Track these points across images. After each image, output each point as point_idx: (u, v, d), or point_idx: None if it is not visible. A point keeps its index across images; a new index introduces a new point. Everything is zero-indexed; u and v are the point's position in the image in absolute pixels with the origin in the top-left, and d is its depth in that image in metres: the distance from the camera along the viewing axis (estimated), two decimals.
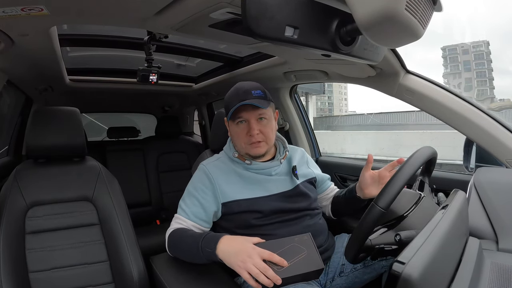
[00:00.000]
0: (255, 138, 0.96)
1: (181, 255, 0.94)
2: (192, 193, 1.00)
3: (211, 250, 0.81)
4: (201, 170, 1.02)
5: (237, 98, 0.95)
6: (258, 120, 0.97)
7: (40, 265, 1.00)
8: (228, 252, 0.79)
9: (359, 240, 0.71)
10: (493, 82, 39.18)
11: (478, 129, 0.96)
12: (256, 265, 0.73)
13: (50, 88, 1.67)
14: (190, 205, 0.98)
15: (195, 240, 0.86)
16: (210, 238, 0.84)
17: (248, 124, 0.96)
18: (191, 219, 0.97)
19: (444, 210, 0.65)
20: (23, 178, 1.07)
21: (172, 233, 0.96)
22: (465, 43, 45.42)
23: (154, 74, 1.39)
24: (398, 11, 0.45)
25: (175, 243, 0.95)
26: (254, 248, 0.76)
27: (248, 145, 0.97)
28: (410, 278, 0.48)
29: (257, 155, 0.99)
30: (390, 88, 1.10)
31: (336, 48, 0.58)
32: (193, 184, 1.01)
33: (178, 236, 0.94)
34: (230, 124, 1.01)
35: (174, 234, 0.96)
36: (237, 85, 1.01)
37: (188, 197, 1.00)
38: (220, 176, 0.99)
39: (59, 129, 1.11)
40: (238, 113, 0.95)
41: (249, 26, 0.47)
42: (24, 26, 0.87)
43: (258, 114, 0.96)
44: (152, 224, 2.16)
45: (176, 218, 1.00)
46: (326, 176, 1.16)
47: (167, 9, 0.79)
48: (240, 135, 0.98)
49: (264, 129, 0.97)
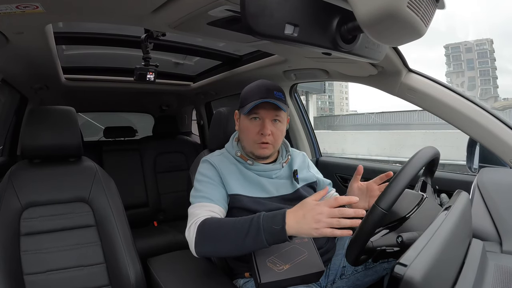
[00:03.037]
0: (265, 138, 0.95)
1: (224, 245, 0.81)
2: (205, 181, 0.95)
3: (278, 227, 0.73)
4: (206, 162, 1.00)
5: (258, 94, 0.94)
6: (272, 122, 0.96)
7: (35, 267, 0.99)
8: (297, 224, 0.72)
9: (360, 242, 0.70)
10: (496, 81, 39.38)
11: (481, 129, 0.95)
12: (331, 215, 0.69)
13: (45, 87, 1.65)
14: (209, 192, 0.92)
15: (250, 223, 0.76)
16: (271, 216, 0.75)
17: (262, 122, 0.95)
18: (218, 204, 0.90)
19: (447, 211, 0.65)
20: (18, 178, 1.06)
21: (204, 222, 0.84)
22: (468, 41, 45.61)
23: (151, 72, 1.38)
24: (400, 9, 0.44)
25: (214, 231, 0.82)
26: (317, 204, 0.72)
27: (256, 144, 0.96)
28: (412, 280, 0.47)
29: (261, 156, 0.98)
30: (392, 87, 1.10)
31: (336, 46, 0.57)
32: (202, 174, 0.97)
33: (218, 223, 0.83)
34: (242, 118, 0.99)
35: (209, 222, 0.84)
36: (259, 81, 1.00)
37: (203, 186, 0.94)
38: (225, 169, 0.97)
39: (54, 129, 1.10)
40: (256, 109, 0.94)
41: (248, 24, 0.47)
42: (19, 23, 0.85)
43: (275, 115, 0.96)
44: (149, 226, 2.14)
45: (199, 206, 0.90)
46: (327, 181, 1.15)
47: (164, 6, 0.78)
48: (252, 131, 0.96)
49: (276, 131, 0.96)
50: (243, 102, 0.98)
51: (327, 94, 54.89)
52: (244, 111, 0.95)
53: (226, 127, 1.15)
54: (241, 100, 1.00)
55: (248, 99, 0.95)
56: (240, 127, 1.01)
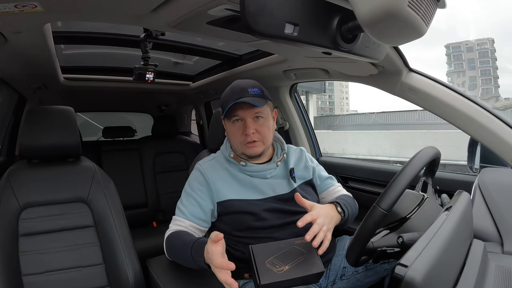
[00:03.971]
0: (250, 137, 0.94)
1: (179, 261, 0.93)
2: (189, 193, 0.99)
3: (200, 259, 0.80)
4: (197, 169, 1.02)
5: (232, 96, 0.94)
6: (254, 119, 0.95)
7: (33, 268, 0.99)
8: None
9: (360, 243, 0.70)
10: (498, 81, 39.11)
11: (482, 129, 0.95)
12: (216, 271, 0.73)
13: (44, 86, 1.64)
14: (187, 205, 0.98)
15: (186, 249, 0.85)
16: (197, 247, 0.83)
17: (244, 123, 0.95)
18: (190, 219, 0.96)
19: (448, 212, 0.64)
20: (17, 179, 1.05)
21: (169, 237, 0.96)
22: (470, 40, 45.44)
23: (150, 72, 1.37)
24: (401, 8, 0.44)
25: (171, 248, 0.94)
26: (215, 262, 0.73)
27: (244, 145, 0.96)
28: (413, 281, 0.46)
29: (253, 155, 0.98)
30: (393, 86, 1.09)
31: (337, 46, 0.56)
32: (189, 184, 1.01)
33: (173, 241, 0.93)
34: (226, 123, 1.00)
35: (170, 238, 0.95)
36: (234, 83, 0.99)
37: (185, 198, 1.00)
38: (215, 175, 0.99)
39: (53, 129, 1.09)
40: (234, 111, 0.94)
41: (248, 23, 0.46)
42: (17, 23, 0.85)
43: (255, 113, 0.95)
44: (149, 226, 2.14)
45: (174, 219, 0.99)
46: (326, 176, 1.14)
47: (164, 5, 0.78)
48: (236, 134, 0.96)
49: (260, 128, 0.95)
50: (222, 107, 0.99)
51: (327, 93, 54.79)
52: (224, 115, 0.97)
53: None
54: (221, 106, 1.01)
55: (225, 103, 0.96)
56: (227, 133, 1.02)
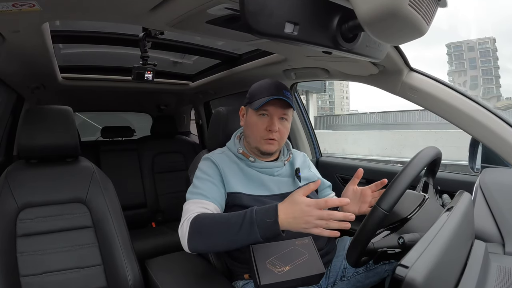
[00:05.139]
0: (273, 135, 0.96)
1: (217, 240, 0.81)
2: (204, 178, 0.95)
3: (271, 221, 0.73)
4: (207, 159, 1.01)
5: (268, 91, 0.95)
6: (279, 119, 0.97)
7: (32, 269, 0.98)
8: (287, 221, 0.73)
9: (361, 243, 0.69)
10: (499, 80, 38.85)
11: (484, 129, 0.94)
12: (320, 217, 0.70)
13: (42, 86, 1.64)
14: (206, 189, 0.92)
15: (244, 217, 0.77)
16: (263, 210, 0.76)
17: (270, 119, 0.96)
18: (213, 202, 0.90)
19: (449, 212, 0.64)
20: (14, 179, 1.04)
21: (197, 218, 0.84)
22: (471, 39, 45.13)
23: (149, 71, 1.37)
24: (402, 7, 0.44)
25: (207, 225, 0.82)
26: (307, 204, 0.72)
27: (264, 140, 0.97)
28: (414, 282, 0.46)
29: (267, 152, 0.99)
30: (393, 86, 1.09)
31: (337, 45, 0.56)
32: (202, 171, 0.97)
33: (211, 218, 0.83)
34: (250, 113, 0.99)
35: (202, 217, 0.84)
36: (269, 79, 1.01)
37: (201, 182, 0.94)
38: (226, 166, 0.98)
39: (51, 129, 1.09)
40: (266, 105, 0.95)
41: (248, 22, 0.46)
42: (15, 22, 0.85)
43: (283, 113, 0.97)
44: (148, 227, 2.13)
45: (194, 203, 0.90)
46: (327, 184, 1.15)
47: (163, 4, 0.77)
48: (260, 127, 0.97)
49: (282, 129, 0.98)
50: (252, 98, 0.98)
51: (327, 93, 54.71)
52: (253, 106, 0.96)
53: (225, 126, 1.14)
54: (250, 96, 1.00)
55: (258, 95, 0.96)
56: (247, 123, 1.01)
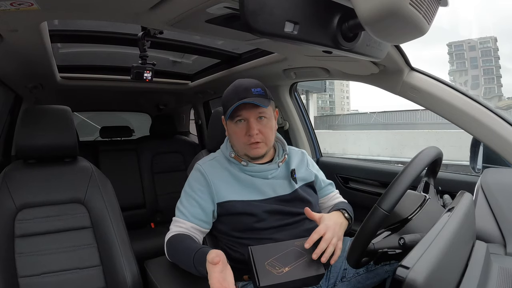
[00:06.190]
0: (254, 138, 0.93)
1: (180, 265, 0.91)
2: (189, 193, 0.98)
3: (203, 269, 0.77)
4: (197, 169, 1.01)
5: (236, 96, 0.93)
6: (257, 120, 0.94)
7: (30, 269, 0.98)
8: None
9: (361, 244, 0.69)
10: (500, 80, 38.57)
11: (485, 129, 0.94)
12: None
13: (40, 86, 1.63)
14: (188, 206, 0.96)
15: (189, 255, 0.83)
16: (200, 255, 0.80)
17: (247, 123, 0.94)
18: (190, 221, 0.95)
19: (450, 213, 0.64)
20: (13, 179, 1.04)
21: (170, 240, 0.94)
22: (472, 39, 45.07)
23: (148, 71, 1.36)
24: (403, 6, 0.43)
25: (173, 251, 0.93)
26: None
27: (247, 146, 0.95)
28: (415, 283, 0.46)
29: (256, 157, 0.97)
30: (394, 86, 1.09)
31: (337, 45, 0.56)
32: (189, 184, 1.00)
33: (175, 246, 0.92)
34: (228, 123, 0.99)
35: (172, 241, 0.93)
36: (236, 82, 0.98)
37: (185, 198, 0.99)
38: (216, 176, 0.98)
39: (49, 129, 1.08)
40: (237, 111, 0.93)
41: (247, 22, 0.45)
42: (14, 21, 0.84)
43: (258, 113, 0.94)
44: (147, 227, 2.13)
45: (174, 221, 0.97)
46: (328, 181, 1.13)
47: (162, 3, 0.77)
48: (239, 135, 0.95)
49: (263, 129, 0.95)
50: (224, 107, 0.97)
51: (327, 93, 54.58)
52: (227, 116, 0.95)
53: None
54: (222, 106, 1.00)
55: (228, 103, 0.94)
56: (228, 133, 1.01)
